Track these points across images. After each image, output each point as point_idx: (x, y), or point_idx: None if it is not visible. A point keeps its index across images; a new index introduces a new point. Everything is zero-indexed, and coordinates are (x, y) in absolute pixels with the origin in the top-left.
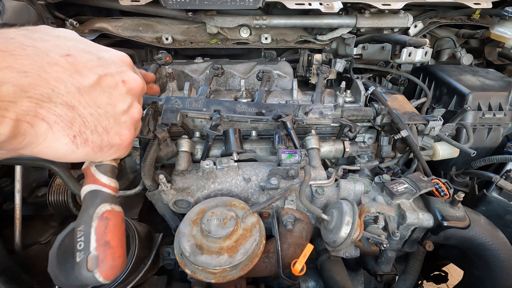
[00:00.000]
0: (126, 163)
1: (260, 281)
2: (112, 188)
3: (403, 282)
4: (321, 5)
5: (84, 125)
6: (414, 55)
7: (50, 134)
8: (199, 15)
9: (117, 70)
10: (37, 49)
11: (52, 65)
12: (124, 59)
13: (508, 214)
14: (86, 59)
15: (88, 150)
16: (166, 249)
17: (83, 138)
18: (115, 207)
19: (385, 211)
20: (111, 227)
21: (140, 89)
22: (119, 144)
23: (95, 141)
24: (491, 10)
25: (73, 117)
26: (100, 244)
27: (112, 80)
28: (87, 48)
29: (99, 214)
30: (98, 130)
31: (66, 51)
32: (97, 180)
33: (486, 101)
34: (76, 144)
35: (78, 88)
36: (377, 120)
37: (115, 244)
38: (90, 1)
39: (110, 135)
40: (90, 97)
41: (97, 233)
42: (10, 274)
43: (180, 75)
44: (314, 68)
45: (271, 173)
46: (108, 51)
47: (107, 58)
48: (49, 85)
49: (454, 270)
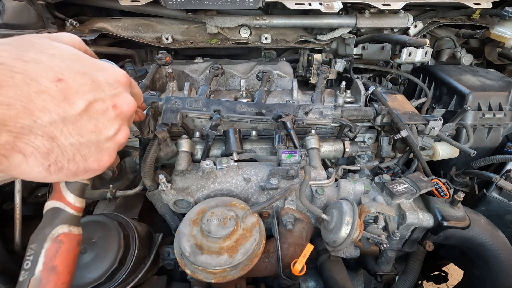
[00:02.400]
0: (126, 163)
1: (260, 281)
2: (75, 208)
3: (403, 282)
4: (321, 5)
5: (62, 155)
6: (414, 55)
7: (24, 164)
8: (199, 15)
9: (111, 93)
10: (27, 76)
11: (40, 94)
12: (120, 79)
13: (508, 214)
14: (79, 83)
15: (62, 176)
16: (166, 249)
17: (58, 166)
18: (73, 229)
19: (385, 211)
20: (63, 251)
21: (131, 112)
22: (96, 169)
23: (70, 169)
24: (491, 10)
25: (51, 148)
26: (46, 268)
27: (102, 106)
28: (82, 69)
29: (54, 235)
30: (75, 159)
31: (59, 74)
32: (63, 198)
33: (486, 101)
34: (49, 172)
35: (64, 117)
36: (377, 120)
37: (62, 270)
38: (90, 1)
39: (87, 162)
40: (74, 127)
41: (46, 255)
42: (10, 274)
43: (180, 75)
44: (314, 68)
45: (271, 173)
46: (104, 70)
47: (101, 80)
48: (32, 117)
49: (454, 270)
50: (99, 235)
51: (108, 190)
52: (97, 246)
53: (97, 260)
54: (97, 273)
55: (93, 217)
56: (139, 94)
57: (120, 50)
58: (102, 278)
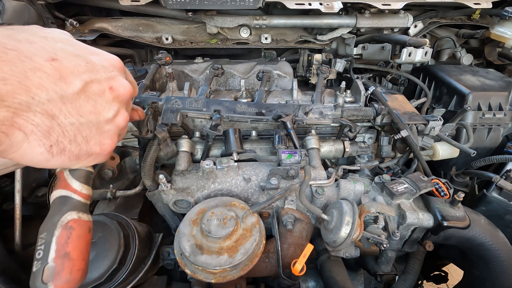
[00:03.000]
0: (126, 163)
1: (260, 281)
2: (83, 195)
3: (403, 282)
4: (321, 5)
5: (63, 135)
6: (414, 55)
7: (25, 144)
8: (199, 15)
9: (106, 76)
10: (20, 53)
11: (35, 71)
12: (115, 63)
13: (508, 214)
14: (73, 63)
15: (64, 159)
16: (166, 249)
17: (60, 147)
18: (82, 215)
19: (385, 211)
20: (74, 238)
21: (128, 95)
22: (98, 153)
23: (72, 151)
24: (491, 10)
25: (51, 126)
26: (59, 255)
27: (99, 87)
28: (76, 51)
29: (63, 222)
30: (77, 140)
31: (52, 54)
32: (68, 186)
33: (486, 101)
34: (51, 153)
35: (61, 96)
36: (377, 120)
37: (76, 257)
38: (90, 1)
39: (90, 144)
40: (73, 106)
41: (58, 242)
42: (10, 274)
43: (180, 75)
44: (314, 68)
45: (271, 173)
46: (98, 55)
47: (96, 62)
48: (29, 93)
49: (454, 270)
50: (99, 235)
51: (108, 190)
52: (97, 246)
53: (97, 260)
54: (97, 273)
55: (93, 217)
56: (133, 82)
57: (120, 50)
58: (102, 278)
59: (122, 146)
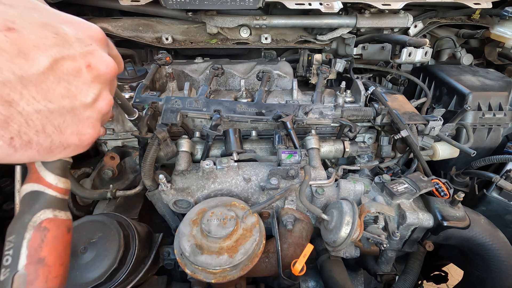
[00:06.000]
0: (126, 163)
1: (260, 281)
2: (59, 190)
3: (403, 282)
4: (321, 5)
5: (27, 125)
6: (414, 55)
7: None
8: (199, 15)
9: (82, 50)
10: None
11: None
12: (94, 34)
13: (508, 214)
14: (37, 35)
15: (32, 153)
16: (166, 249)
17: (24, 140)
18: (59, 213)
19: (385, 211)
20: (50, 240)
21: (111, 74)
22: (77, 145)
23: (41, 143)
24: (491, 10)
25: (9, 115)
26: (31, 261)
27: (73, 65)
28: (42, 19)
29: (36, 223)
30: (46, 130)
31: (8, 23)
32: (40, 178)
33: (486, 101)
34: (13, 147)
35: (20, 76)
36: (377, 120)
37: (52, 262)
38: (90, 1)
39: (65, 135)
40: (38, 89)
41: (30, 246)
42: None
43: (180, 75)
44: (314, 68)
45: (271, 173)
46: (72, 23)
47: (69, 33)
48: None
49: (454, 270)
50: (99, 235)
51: (108, 190)
52: (97, 246)
53: (97, 260)
54: (97, 273)
55: (93, 217)
56: (118, 57)
57: (120, 50)
58: (102, 278)
59: (122, 146)
